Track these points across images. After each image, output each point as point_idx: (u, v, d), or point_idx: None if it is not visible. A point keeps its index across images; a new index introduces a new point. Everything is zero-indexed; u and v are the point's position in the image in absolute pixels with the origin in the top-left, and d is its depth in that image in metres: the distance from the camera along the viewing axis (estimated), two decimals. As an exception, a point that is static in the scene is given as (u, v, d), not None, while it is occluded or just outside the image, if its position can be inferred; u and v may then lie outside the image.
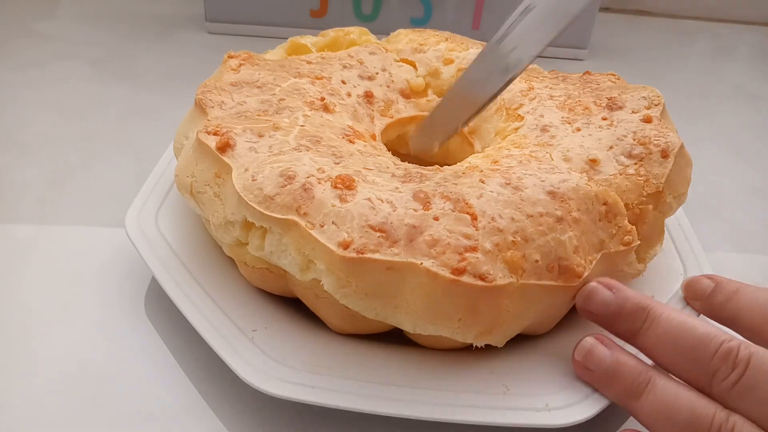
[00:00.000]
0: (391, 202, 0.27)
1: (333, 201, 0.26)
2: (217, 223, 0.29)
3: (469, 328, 0.26)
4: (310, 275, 0.26)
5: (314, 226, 0.26)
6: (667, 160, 0.31)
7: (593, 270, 0.27)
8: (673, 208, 0.31)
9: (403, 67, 0.39)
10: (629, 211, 0.30)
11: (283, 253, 0.27)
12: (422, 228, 0.26)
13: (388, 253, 0.25)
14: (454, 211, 0.27)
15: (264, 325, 0.29)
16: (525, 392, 0.26)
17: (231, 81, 0.35)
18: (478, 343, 0.26)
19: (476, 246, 0.26)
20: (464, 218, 0.26)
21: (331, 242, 0.25)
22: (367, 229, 0.25)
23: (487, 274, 0.25)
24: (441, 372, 0.27)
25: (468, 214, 0.26)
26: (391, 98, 0.37)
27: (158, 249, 0.32)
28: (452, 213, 0.26)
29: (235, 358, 0.27)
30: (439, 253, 0.25)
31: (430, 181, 0.28)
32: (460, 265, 0.25)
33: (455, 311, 0.25)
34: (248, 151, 0.29)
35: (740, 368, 0.23)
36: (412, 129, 0.37)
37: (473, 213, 0.26)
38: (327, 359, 0.27)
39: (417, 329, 0.26)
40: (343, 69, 0.37)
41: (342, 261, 0.25)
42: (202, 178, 0.30)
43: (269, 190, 0.27)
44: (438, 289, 0.25)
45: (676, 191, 0.31)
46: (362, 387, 0.26)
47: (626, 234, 0.29)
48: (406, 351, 0.28)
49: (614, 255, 0.28)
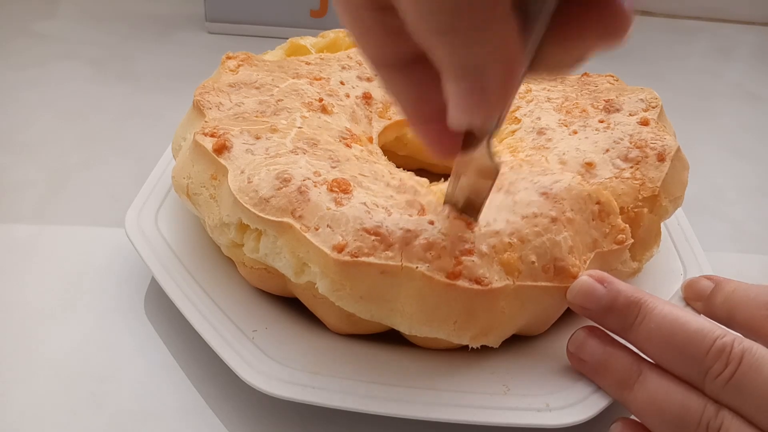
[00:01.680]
0: (386, 207, 0.27)
1: (328, 204, 0.26)
2: (212, 225, 0.29)
3: (465, 331, 0.26)
4: (304, 278, 0.26)
5: (309, 229, 0.26)
6: (663, 164, 0.31)
7: (588, 269, 0.27)
8: (669, 211, 0.31)
9: None
10: (624, 214, 0.30)
11: (278, 256, 0.27)
12: (417, 232, 0.26)
13: (383, 256, 0.25)
14: (449, 217, 0.27)
15: (264, 326, 0.29)
16: (525, 392, 0.26)
17: (229, 82, 0.35)
18: (474, 345, 0.26)
19: (472, 249, 0.26)
20: (459, 223, 0.26)
21: (325, 245, 0.25)
22: (362, 233, 0.25)
23: (483, 277, 0.25)
24: (441, 372, 0.27)
25: (463, 220, 0.26)
26: (390, 100, 0.37)
27: (158, 249, 0.32)
28: (447, 218, 0.26)
29: (236, 359, 0.27)
30: (435, 257, 0.25)
31: (424, 197, 0.28)
32: (455, 269, 0.25)
33: (451, 314, 0.25)
34: (245, 153, 0.29)
35: (733, 365, 0.23)
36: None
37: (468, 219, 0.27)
38: (327, 360, 0.27)
39: (413, 331, 0.26)
40: (341, 70, 0.37)
41: (336, 264, 0.25)
42: (198, 180, 0.30)
43: (265, 193, 0.27)
44: (433, 293, 0.25)
45: (672, 195, 0.31)
46: (362, 387, 0.26)
47: (619, 232, 0.29)
48: (405, 351, 0.28)
49: (608, 254, 0.28)
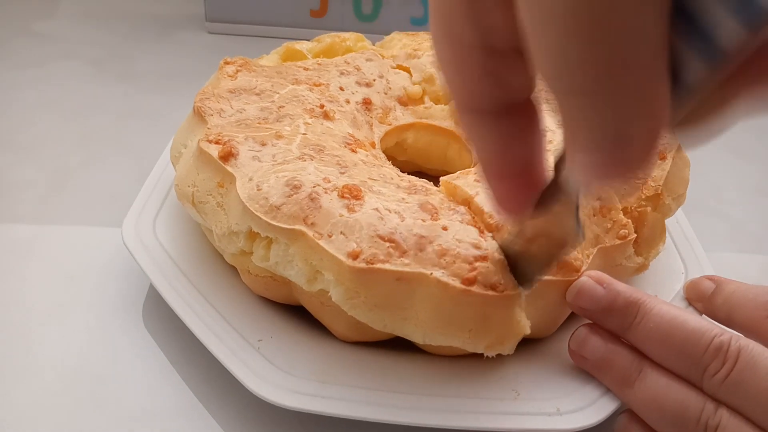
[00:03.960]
0: (399, 212, 0.26)
1: (341, 211, 0.26)
2: (220, 234, 0.28)
3: (480, 339, 0.26)
4: (317, 286, 0.26)
5: (322, 236, 0.25)
6: (664, 162, 0.31)
7: (591, 264, 0.27)
8: (672, 209, 0.31)
9: (400, 74, 0.39)
10: (628, 214, 0.29)
11: (290, 264, 0.26)
12: (431, 238, 0.25)
13: (398, 263, 0.25)
14: (462, 222, 0.26)
15: (270, 335, 0.28)
16: (536, 397, 0.26)
17: (229, 88, 0.34)
18: (490, 353, 0.26)
19: (486, 255, 0.25)
20: (472, 229, 0.26)
21: (340, 252, 0.25)
22: (377, 239, 0.25)
23: (498, 283, 0.25)
24: (450, 379, 0.27)
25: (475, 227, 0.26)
26: (389, 105, 0.37)
27: (157, 259, 0.31)
28: (460, 224, 0.26)
29: (243, 369, 0.26)
30: (449, 263, 0.25)
31: (435, 196, 0.28)
32: (470, 274, 0.25)
33: (466, 321, 0.25)
34: (251, 160, 0.29)
35: (730, 363, 0.23)
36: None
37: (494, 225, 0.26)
38: (334, 368, 0.27)
39: (427, 340, 0.26)
40: (340, 75, 0.37)
41: (351, 272, 0.24)
42: (203, 188, 0.30)
43: (275, 200, 0.26)
44: (448, 300, 0.25)
45: (674, 192, 0.31)
46: (371, 395, 0.26)
47: (622, 227, 0.29)
48: (413, 358, 0.28)
49: (611, 249, 0.28)
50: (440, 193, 0.29)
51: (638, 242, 0.30)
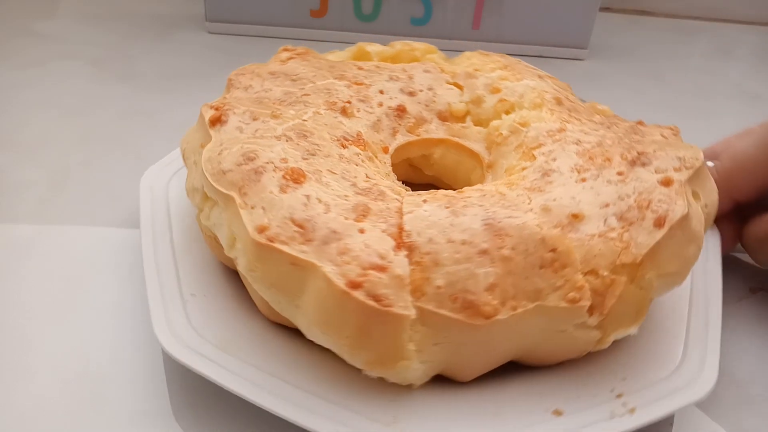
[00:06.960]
0: (328, 205, 0.27)
1: (273, 188, 0.27)
2: (188, 188, 0.31)
3: (358, 351, 0.25)
4: (233, 253, 0.27)
5: (246, 207, 0.26)
6: (658, 230, 0.26)
7: (525, 321, 0.25)
8: (656, 287, 0.27)
9: (452, 90, 0.37)
10: (597, 278, 0.26)
11: (221, 227, 0.28)
12: (342, 235, 0.25)
13: (296, 248, 0.25)
14: (384, 231, 0.26)
15: (205, 293, 0.30)
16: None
17: (271, 70, 0.35)
18: (371, 374, 0.25)
19: (386, 267, 0.25)
20: (389, 241, 0.26)
21: (250, 224, 0.26)
22: (288, 221, 0.26)
23: (384, 297, 0.24)
24: (348, 388, 0.27)
25: (395, 241, 0.26)
26: (426, 117, 0.36)
27: (157, 212, 0.34)
28: (381, 233, 0.26)
29: (162, 320, 0.28)
30: (345, 262, 0.24)
31: (384, 203, 0.28)
32: (358, 279, 0.24)
33: (344, 327, 0.25)
34: (235, 129, 0.30)
35: None
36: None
37: (408, 243, 0.26)
38: (241, 341, 0.28)
39: (309, 335, 0.26)
40: (389, 80, 0.36)
41: (252, 244, 0.25)
42: (191, 146, 0.32)
43: (225, 166, 0.28)
44: (331, 298, 0.24)
45: (662, 269, 0.27)
46: (258, 377, 0.26)
47: (574, 290, 0.25)
48: (323, 357, 0.27)
49: (552, 310, 0.25)
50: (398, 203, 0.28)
51: (606, 314, 0.26)
